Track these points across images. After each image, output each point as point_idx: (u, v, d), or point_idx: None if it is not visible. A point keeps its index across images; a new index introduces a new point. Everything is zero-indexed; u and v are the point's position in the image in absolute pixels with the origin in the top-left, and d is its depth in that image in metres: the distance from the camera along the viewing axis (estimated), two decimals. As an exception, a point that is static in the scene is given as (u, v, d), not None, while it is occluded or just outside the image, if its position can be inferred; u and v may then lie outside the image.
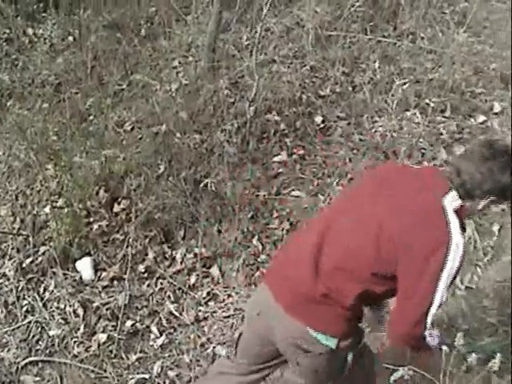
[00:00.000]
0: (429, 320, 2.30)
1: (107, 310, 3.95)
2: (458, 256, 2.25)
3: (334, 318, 2.45)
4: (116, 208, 4.40)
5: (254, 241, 4.26)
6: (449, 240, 2.25)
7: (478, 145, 2.44)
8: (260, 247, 4.24)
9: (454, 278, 2.29)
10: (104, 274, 4.17)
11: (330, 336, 2.44)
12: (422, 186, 2.40)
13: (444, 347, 2.44)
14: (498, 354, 2.42)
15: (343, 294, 2.39)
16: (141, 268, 4.16)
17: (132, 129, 5.01)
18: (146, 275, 4.16)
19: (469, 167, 2.34)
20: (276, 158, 4.76)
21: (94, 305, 3.97)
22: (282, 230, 4.32)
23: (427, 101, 5.29)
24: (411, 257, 2.28)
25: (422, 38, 6.15)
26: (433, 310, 2.29)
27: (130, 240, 4.14)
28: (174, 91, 5.16)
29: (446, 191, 2.34)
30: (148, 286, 4.12)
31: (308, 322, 2.43)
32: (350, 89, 5.43)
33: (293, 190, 4.58)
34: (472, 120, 5.25)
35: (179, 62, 5.65)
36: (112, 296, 4.04)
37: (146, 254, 4.23)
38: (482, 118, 5.26)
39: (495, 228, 4.37)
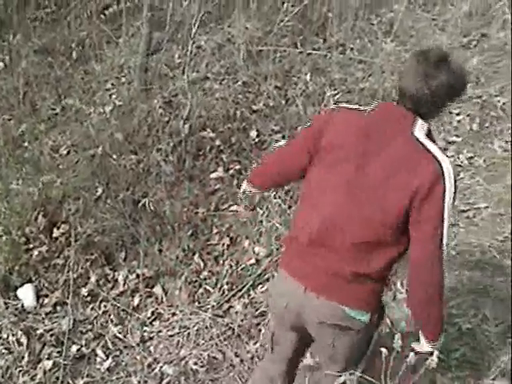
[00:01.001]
0: (444, 242, 2.35)
1: (51, 336, 3.90)
2: (452, 175, 2.32)
3: (367, 292, 2.48)
4: (55, 233, 4.35)
5: (196, 258, 4.28)
6: (440, 166, 2.30)
7: (417, 64, 2.36)
8: (201, 264, 4.26)
9: (454, 199, 2.35)
10: (46, 300, 4.11)
11: (365, 311, 2.49)
12: (394, 130, 2.38)
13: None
14: (436, 352, 2.48)
15: (372, 266, 2.43)
16: (83, 292, 4.13)
17: (68, 153, 4.99)
18: (89, 299, 4.12)
19: (420, 90, 2.33)
20: (213, 175, 4.80)
21: (38, 332, 3.91)
22: (223, 245, 4.35)
23: (360, 109, 5.39)
24: (420, 198, 2.30)
25: (352, 49, 6.31)
26: (445, 232, 2.33)
27: (71, 264, 4.12)
28: (108, 113, 5.16)
29: (412, 121, 2.37)
30: (92, 309, 4.09)
31: (344, 301, 2.47)
32: (283, 102, 5.52)
33: (231, 205, 4.61)
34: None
35: (112, 84, 5.65)
36: (56, 322, 3.99)
37: (88, 278, 4.19)
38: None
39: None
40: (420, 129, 2.36)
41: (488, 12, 6.77)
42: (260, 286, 4.14)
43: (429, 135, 2.38)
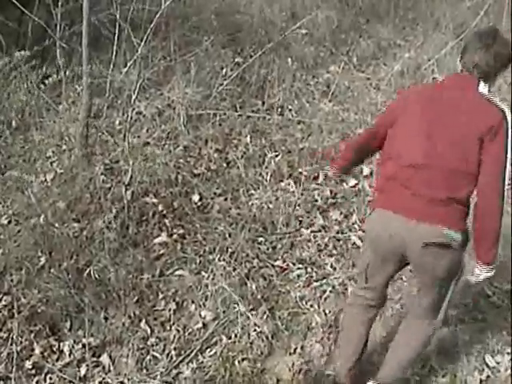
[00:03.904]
0: (505, 194, 2.99)
1: (-6, 413, 3.83)
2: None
3: (458, 214, 3.01)
4: (-3, 305, 4.30)
5: (142, 324, 4.23)
6: (503, 112, 2.98)
7: (476, 39, 3.10)
8: (148, 330, 4.21)
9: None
10: (-12, 375, 4.03)
11: (458, 231, 3.00)
12: (462, 88, 3.08)
13: None
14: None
15: (462, 192, 2.99)
16: (28, 364, 4.03)
17: (9, 222, 4.93)
18: (33, 371, 4.01)
19: (482, 58, 3.03)
20: (156, 240, 4.78)
21: (-20, 411, 3.83)
22: (169, 310, 4.31)
23: (300, 170, 5.48)
24: (489, 138, 2.95)
25: (290, 110, 6.43)
26: (508, 168, 2.98)
27: (15, 337, 4.05)
28: (49, 181, 5.14)
29: (476, 82, 3.05)
30: (37, 382, 3.98)
31: (442, 223, 2.97)
32: (225, 165, 5.57)
33: (176, 269, 4.59)
34: (344, 184, 5.46)
35: (53, 152, 5.64)
36: (-1, 398, 3.92)
37: (33, 350, 4.11)
38: (353, 182, 5.47)
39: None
40: (483, 87, 3.04)
41: (418, 71, 7.02)
42: (208, 349, 4.12)
43: (490, 93, 3.06)
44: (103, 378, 4.01)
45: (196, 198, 5.14)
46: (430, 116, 3.07)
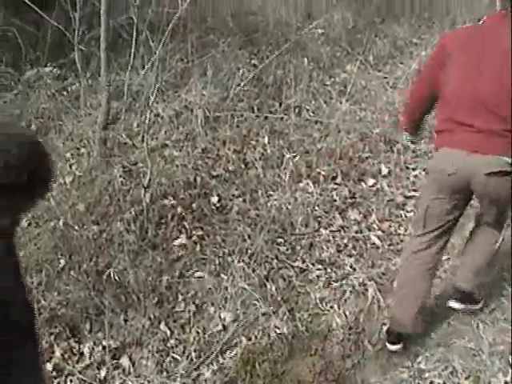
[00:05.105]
0: None
1: (16, 416, 3.82)
2: None
3: (509, 144, 3.26)
4: (18, 308, 4.30)
5: (162, 326, 4.23)
6: None
7: None
8: (168, 332, 4.21)
9: None
10: (10, 377, 4.04)
11: (510, 158, 3.27)
12: (506, 26, 3.26)
13: None
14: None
15: (508, 123, 3.24)
16: (48, 367, 4.04)
17: (29, 225, 4.96)
18: (54, 374, 4.03)
19: None
20: (176, 242, 4.78)
21: (3, 412, 3.84)
22: (189, 312, 4.31)
23: (318, 170, 5.47)
24: None
25: (308, 111, 6.42)
26: None
27: (35, 339, 4.07)
28: (68, 184, 5.17)
29: None
30: (57, 384, 4.03)
31: (498, 152, 3.28)
32: (243, 166, 5.57)
33: (195, 271, 4.60)
34: (363, 184, 5.44)
35: (71, 155, 5.67)
36: (21, 400, 3.92)
37: (53, 352, 4.12)
38: (371, 181, 5.45)
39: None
40: None
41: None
42: (228, 351, 4.11)
43: None
44: (123, 380, 4.01)
45: (215, 199, 5.13)
46: (477, 55, 3.32)
